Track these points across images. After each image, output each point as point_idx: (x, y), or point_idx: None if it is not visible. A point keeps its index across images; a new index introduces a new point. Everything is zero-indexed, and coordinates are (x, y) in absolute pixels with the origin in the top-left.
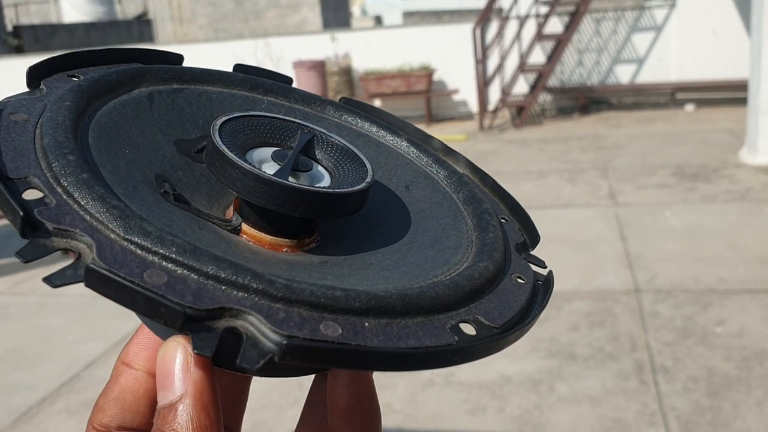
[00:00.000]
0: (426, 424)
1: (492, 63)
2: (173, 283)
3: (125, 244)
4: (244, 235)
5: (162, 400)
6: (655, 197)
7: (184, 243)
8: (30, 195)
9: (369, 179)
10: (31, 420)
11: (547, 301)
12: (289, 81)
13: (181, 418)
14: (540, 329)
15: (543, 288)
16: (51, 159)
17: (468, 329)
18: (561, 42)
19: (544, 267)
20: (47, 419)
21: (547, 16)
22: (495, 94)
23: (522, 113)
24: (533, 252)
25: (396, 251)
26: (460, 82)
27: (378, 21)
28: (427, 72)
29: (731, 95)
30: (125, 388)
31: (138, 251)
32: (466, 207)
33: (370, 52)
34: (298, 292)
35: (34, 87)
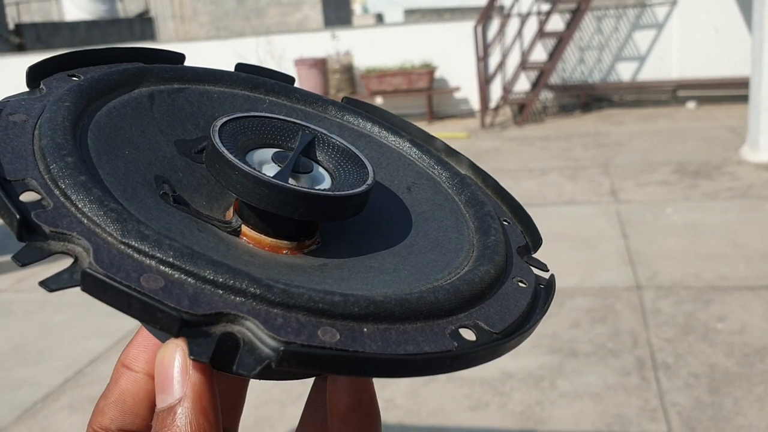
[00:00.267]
0: (428, 419)
1: (493, 61)
2: (170, 288)
3: (122, 247)
4: (243, 237)
5: (161, 403)
6: (657, 194)
7: (181, 247)
8: (28, 197)
9: (370, 181)
10: (35, 416)
11: (548, 307)
12: (291, 81)
13: (180, 421)
14: (542, 326)
15: (545, 292)
16: (49, 161)
17: (468, 335)
18: (562, 39)
19: (546, 270)
20: (51, 415)
21: (549, 13)
22: (496, 91)
23: (523, 111)
24: (535, 255)
25: (397, 254)
26: (461, 79)
27: (379, 19)
28: (429, 70)
29: (732, 92)
30: (125, 390)
31: (135, 255)
32: (468, 209)
33: (371, 49)
34: (296, 297)
35: (34, 87)
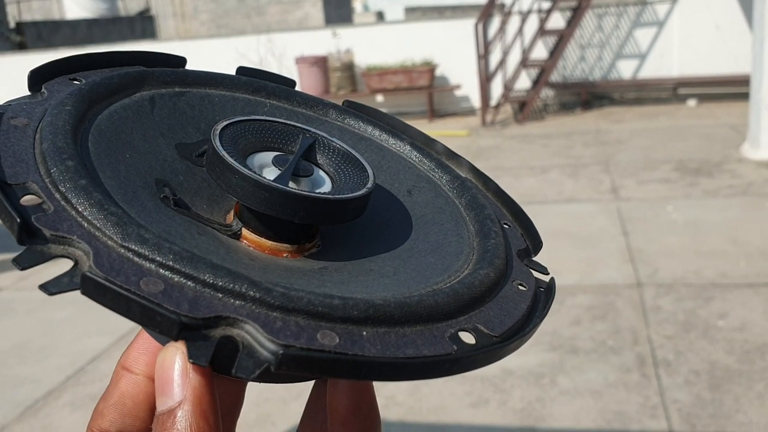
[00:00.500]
0: (429, 416)
1: (494, 58)
2: (170, 291)
3: (122, 251)
4: (244, 240)
5: (161, 405)
6: (657, 192)
7: (181, 250)
8: (28, 201)
9: (370, 185)
10: (37, 413)
11: (548, 310)
12: (292, 84)
13: (180, 424)
14: (542, 323)
15: (545, 295)
16: (50, 164)
17: (467, 338)
18: (563, 37)
19: (546, 273)
20: (52, 413)
21: (550, 11)
22: (497, 89)
23: (524, 109)
24: (536, 257)
25: (397, 257)
26: (462, 77)
27: (380, 17)
28: (430, 67)
29: (733, 90)
30: (125, 392)
31: (135, 259)
32: (468, 212)
33: (372, 47)
34: (295, 300)
35: (35, 90)
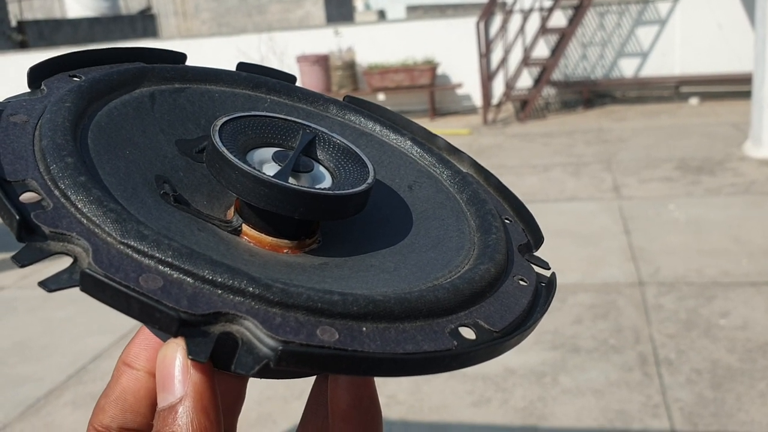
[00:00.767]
0: (430, 415)
1: (496, 57)
2: (169, 288)
3: (121, 248)
4: (244, 236)
5: (162, 402)
6: (659, 190)
7: (180, 247)
8: (28, 198)
9: (370, 180)
10: (38, 412)
11: (549, 305)
12: (293, 79)
13: (181, 420)
14: (544, 322)
15: (545, 290)
16: (49, 161)
17: (468, 333)
18: (565, 36)
19: (547, 268)
20: (54, 411)
21: (551, 9)
22: (499, 88)
23: (526, 107)
24: (537, 252)
25: (397, 253)
26: (463, 76)
27: (381, 15)
28: (431, 66)
29: (735, 89)
30: (126, 388)
31: (134, 255)
32: (469, 208)
33: (373, 46)
34: (294, 296)
35: (35, 88)
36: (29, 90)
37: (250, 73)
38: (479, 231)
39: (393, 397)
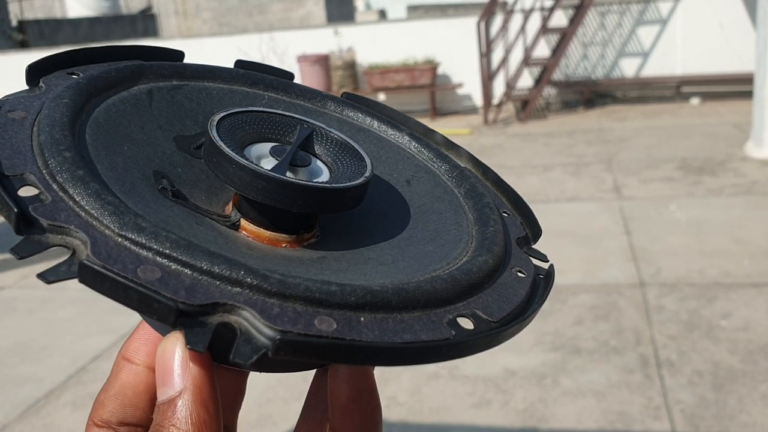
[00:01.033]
0: (431, 417)
1: (496, 57)
2: (167, 279)
3: (119, 240)
4: (243, 231)
5: (161, 395)
6: (660, 191)
7: (178, 239)
8: (26, 192)
9: (368, 174)
10: (38, 413)
11: (547, 295)
12: (291, 76)
13: (181, 413)
14: (544, 323)
15: (544, 282)
16: (47, 156)
17: (466, 323)
18: (566, 35)
19: (545, 261)
20: (54, 412)
21: (552, 9)
22: (499, 87)
23: (526, 107)
24: (535, 246)
25: (396, 246)
26: (464, 75)
27: (382, 15)
28: (432, 66)
29: (737, 88)
30: (125, 383)
31: (132, 247)
32: (467, 201)
33: (374, 46)
34: (292, 287)
35: (33, 84)
36: (28, 87)
37: (247, 70)
38: (477, 224)
39: (393, 399)
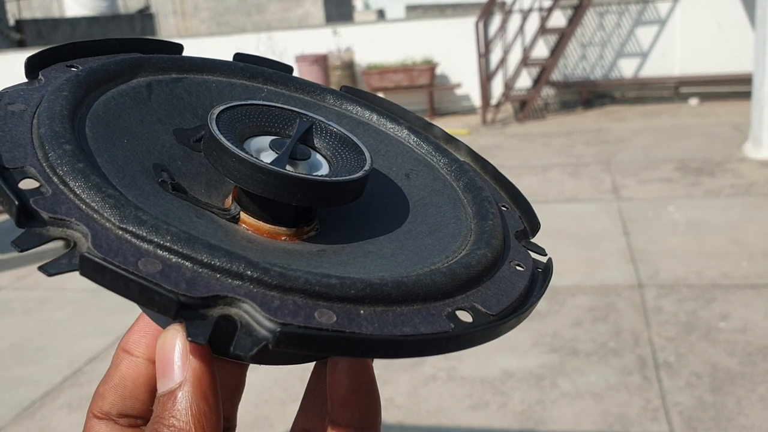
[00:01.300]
0: (428, 419)
1: (495, 57)
2: (167, 272)
3: (120, 233)
4: (242, 224)
5: (161, 387)
6: (659, 191)
7: (178, 231)
8: (27, 185)
9: (367, 167)
10: (34, 415)
11: (546, 289)
12: (290, 70)
13: (181, 405)
14: (542, 324)
15: (542, 275)
16: (47, 149)
17: (464, 316)
18: (564, 36)
19: (544, 254)
20: (50, 414)
21: (551, 9)
22: (498, 88)
23: (525, 107)
24: (534, 240)
25: (395, 239)
26: (462, 76)
27: (381, 15)
28: (430, 66)
29: (735, 89)
30: (125, 375)
31: (133, 240)
32: (465, 195)
33: (372, 46)
34: (292, 279)
35: (32, 77)
36: (27, 80)
37: (246, 64)
38: (476, 217)
39: (391, 401)
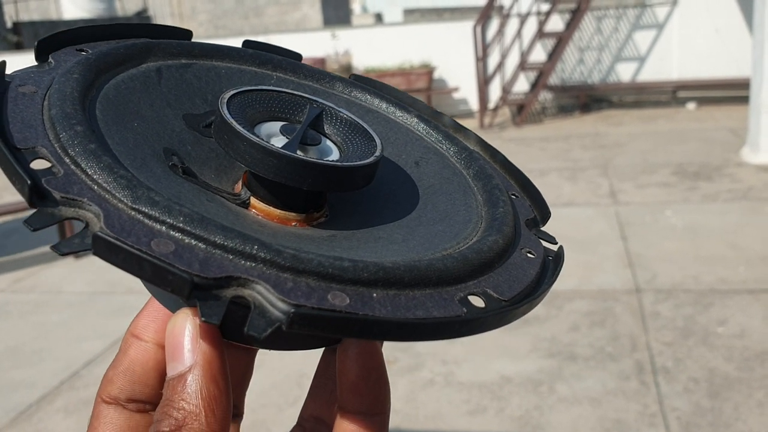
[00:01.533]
0: (426, 424)
1: (493, 61)
2: (181, 252)
3: (133, 213)
4: (252, 210)
5: (171, 371)
6: (656, 196)
7: (192, 213)
8: (38, 165)
9: (378, 153)
10: (30, 418)
11: (557, 276)
12: (299, 57)
13: (190, 388)
14: (540, 329)
15: (553, 263)
16: (59, 129)
17: (477, 302)
18: (562, 40)
19: (554, 243)
20: (46, 418)
21: (548, 13)
22: (495, 92)
23: (522, 111)
24: (544, 228)
25: (405, 226)
26: (460, 80)
27: (378, 18)
28: (428, 70)
29: (733, 93)
30: (134, 359)
31: (145, 220)
32: (476, 182)
33: (370, 49)
34: (306, 262)
35: (42, 60)
36: (36, 63)
37: (256, 51)
38: (486, 205)
39: None
